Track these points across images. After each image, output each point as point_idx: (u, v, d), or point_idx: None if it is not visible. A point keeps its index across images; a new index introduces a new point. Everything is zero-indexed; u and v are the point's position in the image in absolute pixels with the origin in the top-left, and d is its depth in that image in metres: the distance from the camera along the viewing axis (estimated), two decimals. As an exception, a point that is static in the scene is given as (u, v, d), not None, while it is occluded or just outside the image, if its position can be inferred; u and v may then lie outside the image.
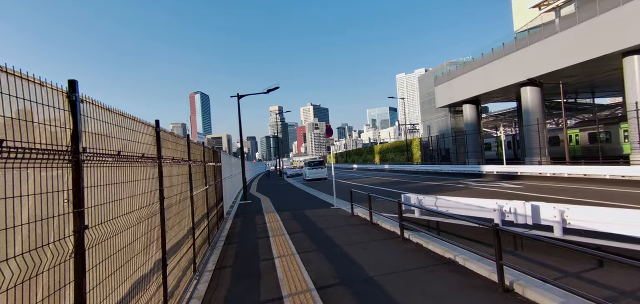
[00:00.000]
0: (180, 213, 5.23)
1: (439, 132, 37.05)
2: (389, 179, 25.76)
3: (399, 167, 39.07)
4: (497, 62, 25.75)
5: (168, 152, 4.59)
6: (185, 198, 5.62)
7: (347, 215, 11.09)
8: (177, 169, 5.18)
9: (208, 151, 9.03)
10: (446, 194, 14.80)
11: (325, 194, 17.50)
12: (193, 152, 6.55)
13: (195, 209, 6.25)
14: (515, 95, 31.66)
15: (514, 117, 44.94)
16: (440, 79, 33.76)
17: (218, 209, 10.08)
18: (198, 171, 7.05)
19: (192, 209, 5.96)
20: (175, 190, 4.99)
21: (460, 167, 27.70)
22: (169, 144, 4.72)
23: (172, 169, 4.82)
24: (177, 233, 4.93)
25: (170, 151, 4.72)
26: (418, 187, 18.51)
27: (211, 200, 8.93)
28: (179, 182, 5.31)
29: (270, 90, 17.29)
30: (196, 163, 6.78)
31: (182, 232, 5.26)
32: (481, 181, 19.28)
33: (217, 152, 11.05)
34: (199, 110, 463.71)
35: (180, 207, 5.22)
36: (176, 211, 4.99)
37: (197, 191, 6.66)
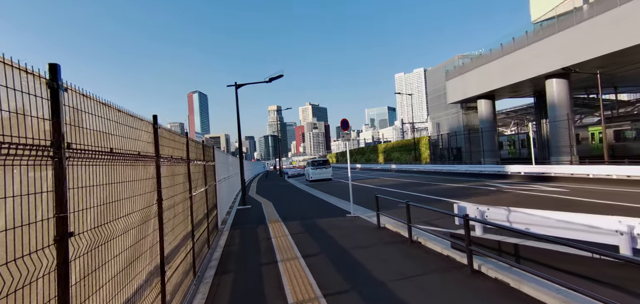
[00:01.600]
0: (140, 243, 3.02)
1: (449, 129, 34.92)
2: (401, 180, 23.58)
3: (406, 167, 36.93)
4: (520, 53, 23.61)
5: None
6: (147, 217, 3.42)
7: (372, 227, 8.89)
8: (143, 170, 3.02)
9: (195, 145, 6.83)
10: (487, 199, 12.63)
11: (335, 198, 15.31)
12: (167, 143, 4.35)
13: (168, 231, 4.06)
14: (532, 90, 29.61)
15: (526, 115, 42.89)
16: (452, 73, 31.62)
17: (209, 221, 7.88)
18: (177, 173, 4.87)
19: (160, 234, 3.74)
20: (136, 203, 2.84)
21: (477, 167, 25.56)
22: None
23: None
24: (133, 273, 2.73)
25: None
26: (440, 190, 16.34)
27: (200, 211, 6.74)
28: (142, 190, 3.16)
29: (273, 78, 15.08)
30: (172, 162, 4.59)
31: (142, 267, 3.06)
32: (513, 184, 17.12)
33: (209, 148, 8.85)
34: (197, 109, 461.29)
35: (139, 233, 3.02)
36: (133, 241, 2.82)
37: (174, 199, 4.48)
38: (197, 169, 6.79)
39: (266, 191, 21.88)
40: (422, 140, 39.53)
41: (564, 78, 21.90)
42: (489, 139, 28.73)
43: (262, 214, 12.20)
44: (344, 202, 13.76)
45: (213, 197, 9.07)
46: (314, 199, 15.57)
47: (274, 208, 13.43)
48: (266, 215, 11.82)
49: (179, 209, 4.85)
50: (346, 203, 13.46)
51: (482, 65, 27.40)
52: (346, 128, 11.09)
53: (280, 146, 57.17)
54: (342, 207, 12.57)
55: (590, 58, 18.81)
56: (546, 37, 21.59)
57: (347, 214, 11.01)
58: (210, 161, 8.78)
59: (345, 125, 11.12)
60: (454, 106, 33.91)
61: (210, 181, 8.51)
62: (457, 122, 34.01)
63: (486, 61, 26.99)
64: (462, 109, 33.28)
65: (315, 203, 14.25)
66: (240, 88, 14.95)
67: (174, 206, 4.55)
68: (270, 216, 11.47)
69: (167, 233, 4.00)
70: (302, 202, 14.82)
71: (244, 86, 15.10)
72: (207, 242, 7.43)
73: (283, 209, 13.15)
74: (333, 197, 15.65)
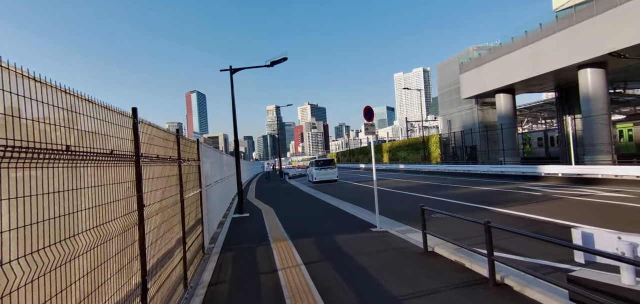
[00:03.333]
0: None
1: (462, 127, 32.52)
2: (416, 182, 21.16)
3: (415, 167, 34.54)
4: (548, 41, 21.22)
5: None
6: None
7: (415, 252, 6.47)
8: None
9: (164, 136, 4.40)
10: (543, 208, 10.19)
11: (349, 205, 12.87)
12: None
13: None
14: (554, 83, 27.25)
15: (540, 112, 40.55)
16: (467, 66, 29.22)
17: (189, 247, 5.43)
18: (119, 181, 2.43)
19: None
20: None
21: (498, 167, 23.17)
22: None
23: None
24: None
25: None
26: (470, 195, 13.92)
27: (174, 232, 4.33)
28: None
29: (274, 62, 12.64)
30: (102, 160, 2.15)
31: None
32: (555, 187, 14.73)
33: (190, 142, 6.41)
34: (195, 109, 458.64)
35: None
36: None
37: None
38: (167, 171, 4.36)
39: (266, 195, 19.42)
40: (431, 138, 37.11)
41: (601, 67, 19.53)
42: (509, 137, 26.34)
43: (262, 226, 9.74)
44: (364, 211, 11.32)
45: (196, 210, 6.62)
46: (324, 206, 13.12)
47: (277, 218, 10.97)
48: (268, 228, 9.35)
49: (118, 247, 2.41)
50: (365, 212, 11.03)
51: (502, 56, 24.99)
52: (371, 117, 8.66)
53: (279, 145, 54.77)
54: (362, 217, 10.13)
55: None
56: (581, 21, 19.20)
57: (372, 229, 8.59)
58: (193, 160, 6.34)
59: (369, 114, 8.69)
60: (468, 101, 31.50)
61: (191, 187, 6.08)
62: (471, 119, 31.59)
63: (507, 51, 24.59)
64: (477, 104, 30.88)
65: (327, 211, 11.80)
66: (235, 73, 12.50)
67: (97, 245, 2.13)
68: (273, 231, 9.00)
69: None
70: (310, 210, 12.37)
71: (240, 70, 12.65)
72: (184, 278, 4.99)
73: (288, 219, 10.69)
74: (347, 204, 13.21)
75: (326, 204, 13.70)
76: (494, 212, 9.92)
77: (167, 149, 4.53)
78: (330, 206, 13.08)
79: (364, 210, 11.45)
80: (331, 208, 12.45)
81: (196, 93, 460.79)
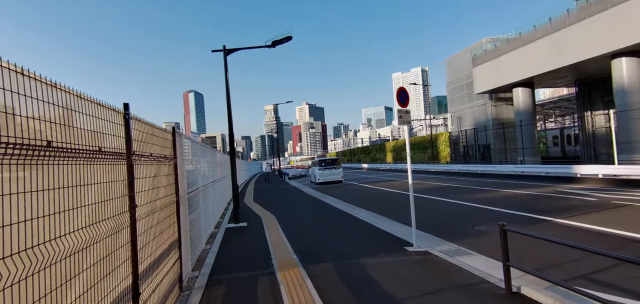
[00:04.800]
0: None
1: (475, 124, 30.55)
2: (432, 184, 19.16)
3: (423, 167, 32.54)
4: (576, 28, 19.27)
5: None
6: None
7: (494, 292, 4.41)
8: None
9: (110, 117, 2.33)
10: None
11: (364, 212, 10.82)
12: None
13: None
14: (574, 77, 25.35)
15: (554, 108, 38.67)
16: (481, 58, 27.23)
17: (153, 291, 3.37)
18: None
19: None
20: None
21: (518, 167, 21.21)
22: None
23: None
24: None
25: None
26: (504, 200, 11.91)
27: (115, 277, 2.25)
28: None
29: (277, 42, 10.57)
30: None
31: None
32: (603, 190, 12.75)
33: (162, 132, 4.36)
34: (193, 109, 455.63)
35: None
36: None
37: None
38: (101, 174, 2.32)
39: (266, 198, 17.34)
40: (440, 137, 35.09)
41: (638, 56, 17.59)
42: (528, 134, 24.38)
43: (263, 241, 7.67)
44: (386, 220, 9.28)
45: (169, 229, 4.56)
46: (335, 213, 11.07)
47: (281, 230, 8.90)
48: (271, 245, 7.28)
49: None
50: (389, 222, 8.99)
51: (522, 46, 23.03)
52: (405, 102, 6.61)
53: (279, 145, 52.70)
54: (388, 230, 8.07)
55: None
56: (616, 4, 17.24)
57: (408, 248, 6.55)
58: (163, 157, 4.27)
59: (404, 97, 6.64)
60: (481, 96, 29.54)
61: (160, 196, 4.03)
62: (484, 116, 29.62)
63: (528, 41, 22.63)
64: (490, 100, 28.91)
65: (340, 220, 9.74)
66: (231, 57, 10.41)
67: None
68: (277, 250, 6.94)
69: None
70: (320, 218, 10.31)
71: (235, 51, 10.57)
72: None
73: (294, 230, 8.63)
74: (361, 210, 11.16)
75: (337, 210, 11.65)
76: (556, 224, 7.89)
77: (111, 136, 2.51)
78: (342, 212, 11.02)
79: (386, 219, 9.41)
80: (344, 216, 10.40)
81: (194, 93, 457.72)
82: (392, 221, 9.17)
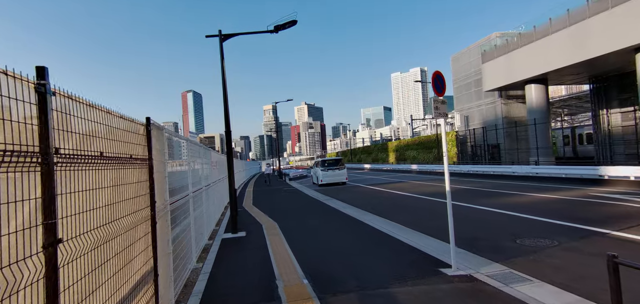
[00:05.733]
0: None
1: (483, 123, 29.33)
2: (445, 186, 17.87)
3: (429, 167, 31.30)
4: (598, 19, 18.03)
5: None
6: None
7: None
8: None
9: None
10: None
11: (378, 219, 9.56)
12: None
13: None
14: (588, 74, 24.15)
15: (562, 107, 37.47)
16: (490, 54, 25.99)
17: None
18: None
19: None
20: None
21: (532, 168, 20.00)
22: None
23: None
24: None
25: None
26: (536, 205, 10.68)
27: None
28: None
29: (280, 27, 9.31)
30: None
31: None
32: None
33: (133, 124, 3.05)
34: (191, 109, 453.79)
35: None
36: None
37: None
38: None
39: (266, 201, 16.05)
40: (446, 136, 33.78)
41: (667, 49, 16.40)
42: (542, 134, 23.15)
43: (266, 261, 6.39)
44: (408, 231, 8.01)
45: (142, 258, 3.28)
46: (346, 221, 9.79)
47: (286, 242, 7.62)
48: (276, 266, 5.99)
49: None
50: (411, 233, 7.71)
51: (537, 40, 21.81)
52: (442, 89, 5.36)
53: (278, 145, 51.42)
54: (414, 244, 6.80)
55: None
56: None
57: (445, 270, 5.30)
58: (134, 161, 3.00)
59: (440, 83, 5.39)
60: (490, 94, 28.31)
61: (130, 215, 2.75)
62: (493, 115, 28.39)
63: (543, 35, 21.41)
64: (500, 98, 27.68)
65: (354, 230, 8.47)
66: (226, 41, 9.13)
67: None
68: (284, 272, 5.66)
69: None
70: (330, 227, 9.03)
71: (233, 37, 9.28)
72: None
73: (302, 244, 7.35)
74: (374, 217, 9.89)
75: (347, 217, 10.37)
76: (620, 240, 6.63)
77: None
78: (354, 220, 9.75)
79: (408, 230, 8.14)
80: (357, 225, 9.13)
81: (192, 93, 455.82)
82: (415, 232, 7.91)
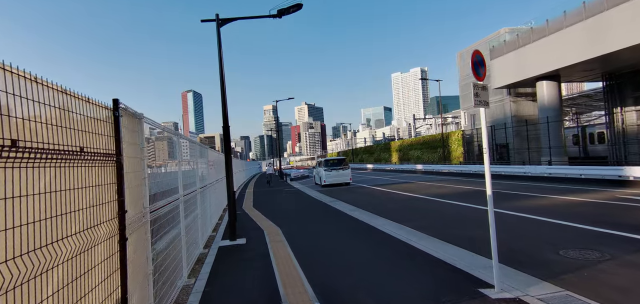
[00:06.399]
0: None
1: (491, 122, 28.40)
2: (457, 187, 17.01)
3: (436, 168, 30.37)
4: (619, 11, 17.10)
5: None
6: None
7: None
8: None
9: None
10: None
11: (392, 224, 8.62)
12: None
13: None
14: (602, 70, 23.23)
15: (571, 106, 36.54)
16: (500, 50, 25.08)
17: None
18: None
19: None
20: None
21: (545, 169, 19.09)
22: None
23: None
24: None
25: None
26: (568, 209, 9.76)
27: None
28: None
29: (284, 11, 8.40)
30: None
31: None
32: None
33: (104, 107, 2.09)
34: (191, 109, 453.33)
35: None
36: None
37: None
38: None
39: (267, 203, 15.14)
40: (452, 135, 32.88)
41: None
42: (554, 132, 22.23)
43: (269, 276, 5.46)
44: (429, 239, 7.05)
45: (105, 288, 2.34)
46: (359, 228, 8.86)
47: (291, 252, 6.70)
48: (281, 284, 5.05)
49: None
50: (435, 242, 6.75)
51: (550, 35, 20.89)
52: (482, 74, 4.43)
53: (279, 145, 50.52)
54: (442, 257, 5.85)
55: None
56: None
57: (485, 291, 4.38)
58: (92, 157, 2.05)
59: (480, 66, 4.46)
60: (498, 92, 27.39)
61: (84, 232, 1.80)
62: (502, 113, 27.48)
63: (556, 29, 20.49)
64: (509, 95, 26.77)
65: (370, 239, 7.53)
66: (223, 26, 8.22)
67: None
68: (291, 292, 4.72)
69: None
70: (341, 235, 8.11)
71: (231, 22, 8.36)
72: None
73: (310, 255, 6.43)
74: (390, 223, 8.95)
75: (357, 221, 9.44)
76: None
77: None
78: (366, 226, 8.82)
79: (430, 238, 7.20)
80: (370, 231, 8.20)
81: (192, 93, 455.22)
82: (437, 240, 6.97)
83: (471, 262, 5.44)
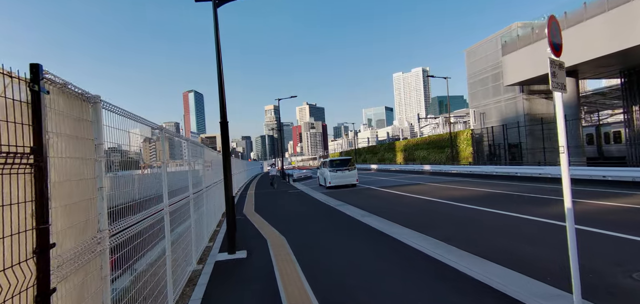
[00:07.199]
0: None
1: (501, 120, 27.28)
2: (472, 190, 15.92)
3: (444, 168, 29.27)
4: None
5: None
6: None
7: None
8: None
9: None
10: None
11: (413, 233, 7.54)
12: None
13: None
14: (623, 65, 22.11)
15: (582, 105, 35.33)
16: (512, 45, 23.95)
17: None
18: None
19: None
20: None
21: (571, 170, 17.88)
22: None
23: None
24: None
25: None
26: (612, 215, 8.66)
27: None
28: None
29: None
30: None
31: None
32: None
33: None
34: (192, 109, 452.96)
35: None
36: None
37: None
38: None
39: (270, 207, 14.07)
40: (460, 135, 31.74)
41: None
42: (572, 131, 21.11)
43: (275, 301, 4.39)
44: (461, 254, 5.95)
45: None
46: (375, 238, 7.77)
47: (300, 269, 5.62)
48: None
49: None
50: (469, 258, 5.63)
51: (568, 28, 19.76)
52: (559, 48, 3.35)
53: (281, 145, 49.50)
54: (484, 279, 4.74)
55: None
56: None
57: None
58: None
59: (558, 36, 3.36)
60: (510, 89, 26.26)
61: None
62: (513, 111, 26.34)
63: (576, 21, 19.38)
64: (522, 93, 25.64)
65: (389, 251, 6.44)
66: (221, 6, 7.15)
67: None
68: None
69: None
70: (355, 246, 7.03)
71: (228, 2, 7.29)
72: None
73: (323, 272, 5.36)
74: (410, 231, 7.85)
75: (371, 230, 8.36)
76: None
77: None
78: (382, 235, 7.73)
79: (463, 254, 6.10)
80: (387, 241, 7.11)
81: (194, 93, 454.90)
82: (474, 257, 5.86)
83: (527, 288, 4.36)
